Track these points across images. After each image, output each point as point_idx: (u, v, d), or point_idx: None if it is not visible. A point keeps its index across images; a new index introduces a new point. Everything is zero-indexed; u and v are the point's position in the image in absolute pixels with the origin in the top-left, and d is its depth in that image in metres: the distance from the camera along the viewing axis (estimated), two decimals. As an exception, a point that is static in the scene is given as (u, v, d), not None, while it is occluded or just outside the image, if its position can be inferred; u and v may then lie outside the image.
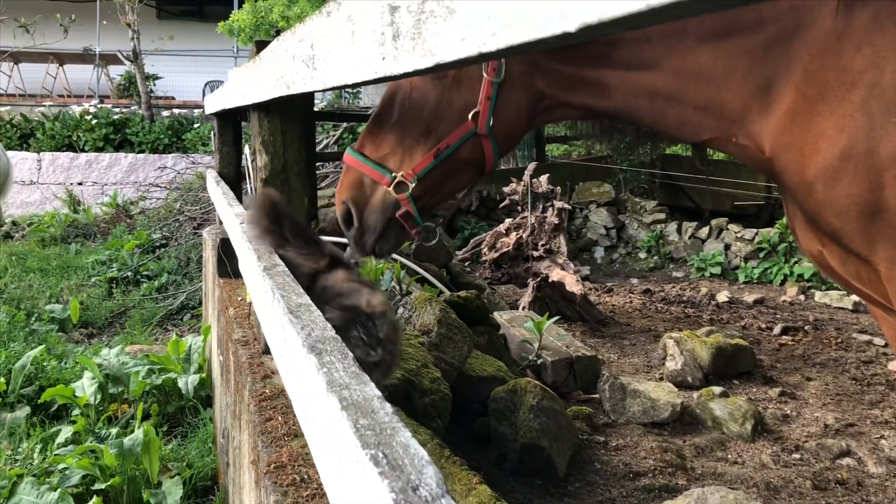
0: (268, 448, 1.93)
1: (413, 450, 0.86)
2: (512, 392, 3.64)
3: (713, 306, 7.65)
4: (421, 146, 2.28)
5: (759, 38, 2.01)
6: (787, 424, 4.32)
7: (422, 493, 0.76)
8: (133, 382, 4.54)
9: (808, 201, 2.07)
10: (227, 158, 5.26)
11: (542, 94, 2.29)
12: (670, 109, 2.20)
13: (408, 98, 2.29)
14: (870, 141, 1.87)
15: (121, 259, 9.70)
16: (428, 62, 0.77)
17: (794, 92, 1.99)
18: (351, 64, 1.11)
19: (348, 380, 1.09)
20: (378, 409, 0.99)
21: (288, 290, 1.66)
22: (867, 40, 1.88)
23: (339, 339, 1.32)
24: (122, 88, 19.29)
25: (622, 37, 2.12)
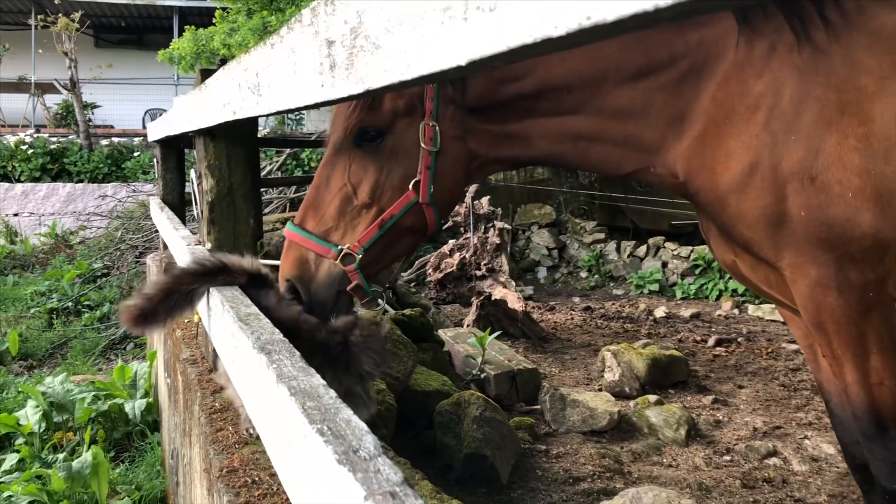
0: (219, 455, 2.02)
1: (354, 423, 0.99)
2: (456, 405, 3.77)
3: (651, 321, 7.92)
4: (364, 217, 2.30)
5: (673, 75, 2.20)
6: (718, 429, 4.53)
7: (361, 454, 0.89)
8: (78, 409, 4.53)
9: (721, 215, 2.26)
10: (170, 185, 5.32)
11: (474, 154, 2.37)
12: (593, 149, 2.35)
13: (346, 170, 2.31)
14: (773, 157, 2.07)
15: (61, 289, 9.55)
16: (359, 88, 0.91)
17: (704, 118, 2.19)
18: (294, 91, 1.25)
19: (296, 373, 1.21)
20: (323, 395, 1.11)
21: (237, 302, 1.77)
22: (766, 68, 2.09)
23: (286, 341, 1.43)
24: (60, 117, 18.98)
25: (545, 89, 2.26)
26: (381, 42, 0.82)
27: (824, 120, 2.01)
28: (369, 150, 2.29)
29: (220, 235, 2.79)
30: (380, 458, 0.89)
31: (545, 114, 2.30)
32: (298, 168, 13.17)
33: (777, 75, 2.08)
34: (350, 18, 0.93)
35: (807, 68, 2.04)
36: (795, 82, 2.05)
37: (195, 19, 15.73)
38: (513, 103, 2.30)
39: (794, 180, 2.05)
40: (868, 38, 2.02)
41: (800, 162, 2.03)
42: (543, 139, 2.35)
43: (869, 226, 1.99)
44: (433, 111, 2.25)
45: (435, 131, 2.25)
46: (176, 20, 20.27)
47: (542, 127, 2.33)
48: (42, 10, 17.87)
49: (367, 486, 0.80)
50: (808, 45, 2.04)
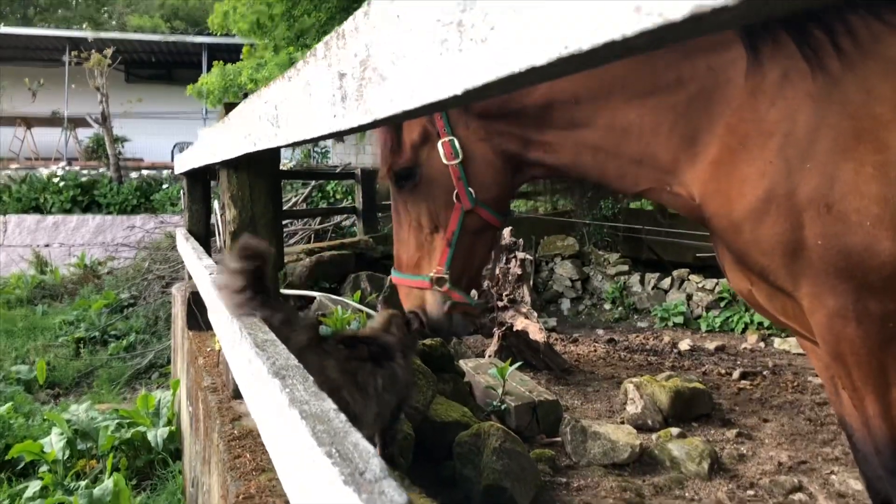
0: (237, 482, 2.04)
1: (361, 447, 1.01)
2: (476, 436, 3.75)
3: (675, 354, 7.84)
4: (437, 242, 2.57)
5: (682, 96, 2.23)
6: (742, 463, 4.46)
7: (367, 476, 0.90)
8: (102, 437, 4.58)
9: (736, 242, 2.25)
10: (196, 216, 5.39)
11: (508, 153, 2.54)
12: (610, 163, 2.42)
13: (406, 210, 2.60)
14: (789, 184, 2.06)
15: (88, 319, 9.69)
16: (368, 119, 0.94)
17: (718, 143, 2.20)
18: (310, 121, 1.28)
19: (308, 397, 1.23)
20: (333, 419, 1.13)
21: (255, 329, 1.80)
22: (780, 94, 2.10)
23: (300, 366, 1.46)
24: (91, 151, 19.41)
25: (554, 101, 2.38)
26: (387, 73, 0.85)
27: (840, 148, 2.01)
28: (412, 186, 2.55)
29: (242, 265, 2.84)
30: (385, 481, 0.90)
31: (560, 124, 2.41)
32: (323, 200, 13.31)
33: (790, 102, 2.09)
34: (360, 51, 0.96)
35: (820, 96, 2.05)
36: (809, 110, 2.05)
37: (223, 55, 16.04)
38: (526, 112, 2.43)
39: (811, 208, 2.04)
40: (883, 66, 2.02)
41: (816, 190, 2.02)
42: (564, 148, 2.46)
43: (889, 255, 1.97)
44: (446, 128, 2.45)
45: (453, 145, 2.45)
46: (205, 56, 20.70)
47: (561, 136, 2.44)
48: (75, 47, 18.33)
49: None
50: (821, 73, 2.05)
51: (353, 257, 7.19)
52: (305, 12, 12.28)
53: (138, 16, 33.00)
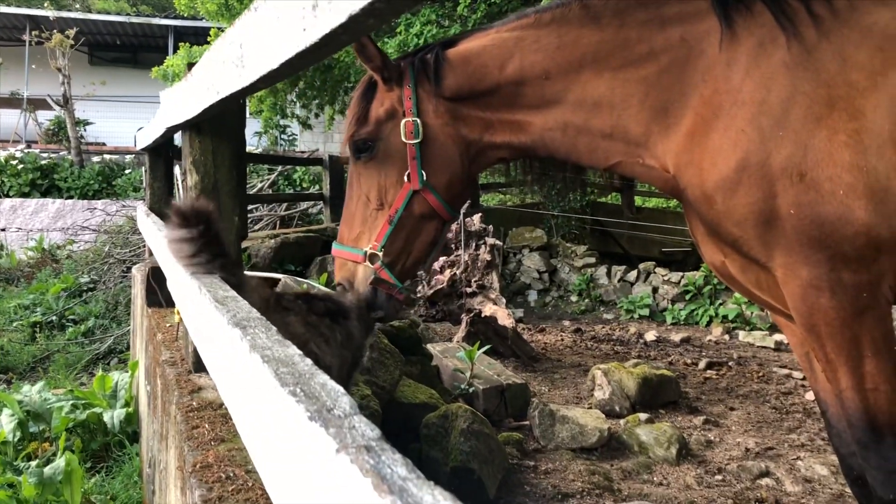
0: (194, 451, 1.94)
1: (329, 386, 0.92)
2: (443, 417, 3.67)
3: (641, 344, 7.84)
4: (380, 218, 2.56)
5: (653, 68, 2.22)
6: (710, 449, 4.44)
7: (336, 412, 0.82)
8: (56, 419, 4.41)
9: (709, 213, 2.21)
10: (158, 193, 5.25)
11: (468, 140, 2.53)
12: (581, 139, 2.41)
13: (359, 183, 2.59)
14: (762, 154, 2.03)
15: (45, 303, 9.43)
16: (342, 18, 0.85)
17: (692, 114, 2.17)
18: (277, 46, 1.19)
19: (270, 344, 1.14)
20: (298, 362, 1.04)
21: (214, 287, 1.70)
22: (754, 64, 2.07)
23: (263, 319, 1.36)
24: (51, 133, 18.94)
25: (525, 76, 2.38)
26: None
27: (813, 116, 1.98)
28: (368, 159, 2.55)
29: (204, 232, 2.72)
30: (355, 417, 0.81)
31: (530, 101, 2.42)
32: (290, 187, 13.12)
33: (765, 71, 2.06)
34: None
35: (795, 64, 2.02)
36: (783, 78, 2.02)
37: (190, 38, 15.73)
38: (498, 90, 2.43)
39: (784, 177, 2.00)
40: (859, 34, 2.00)
41: (789, 158, 1.99)
42: (533, 125, 2.45)
43: (861, 224, 1.93)
44: (412, 108, 2.47)
45: (416, 125, 2.47)
46: (171, 39, 20.33)
47: (531, 114, 2.43)
48: (37, 27, 17.88)
49: (340, 440, 0.72)
50: (796, 41, 2.02)
51: (319, 241, 7.08)
52: (275, -5, 12.06)
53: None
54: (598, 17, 2.31)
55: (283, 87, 12.12)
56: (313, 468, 0.74)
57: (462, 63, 2.46)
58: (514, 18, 2.47)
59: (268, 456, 0.94)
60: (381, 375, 3.55)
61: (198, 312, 1.63)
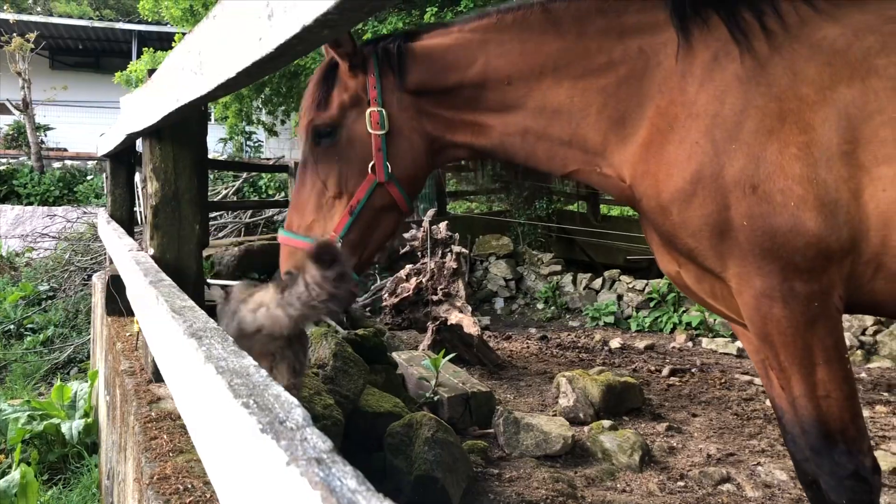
0: (151, 463, 1.91)
1: (283, 398, 0.91)
2: (408, 426, 3.66)
3: (606, 352, 7.90)
4: (337, 207, 2.46)
5: (612, 78, 2.25)
6: (672, 455, 4.48)
7: (288, 424, 0.81)
8: (11, 430, 4.31)
9: (664, 224, 2.25)
10: (119, 201, 5.17)
11: (431, 136, 2.51)
12: (539, 145, 2.43)
13: (315, 169, 2.48)
14: (715, 166, 2.07)
15: (3, 312, 9.23)
16: (296, 28, 0.85)
17: (648, 125, 2.21)
18: (234, 55, 1.18)
19: (226, 355, 1.13)
20: (253, 374, 1.03)
21: (172, 297, 1.68)
22: (708, 77, 2.12)
23: (220, 330, 1.35)
24: (10, 139, 18.58)
25: (488, 80, 2.38)
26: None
27: (765, 129, 2.02)
28: (328, 145, 2.46)
29: (164, 241, 2.69)
30: (308, 429, 0.81)
31: (492, 104, 2.42)
32: (255, 193, 13.02)
33: (718, 84, 2.11)
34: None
35: (748, 78, 2.07)
36: (736, 91, 2.07)
37: (154, 44, 15.58)
38: (460, 91, 2.42)
39: (737, 189, 2.05)
40: (809, 49, 2.05)
41: (742, 171, 2.03)
42: (493, 129, 2.45)
43: (812, 235, 1.98)
44: (377, 98, 2.41)
45: (381, 115, 2.41)
46: (135, 44, 20.10)
47: (490, 118, 2.44)
48: (-4, 30, 17.55)
49: (291, 453, 0.72)
50: (749, 55, 2.07)
51: (284, 249, 7.02)
52: (240, 2, 11.98)
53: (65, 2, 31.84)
54: (559, 23, 2.33)
55: (249, 94, 12.05)
56: (264, 481, 0.74)
57: (425, 59, 2.43)
58: (475, 17, 2.47)
59: (221, 468, 0.93)
60: (345, 384, 3.53)
61: (155, 322, 1.61)
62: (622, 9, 2.30)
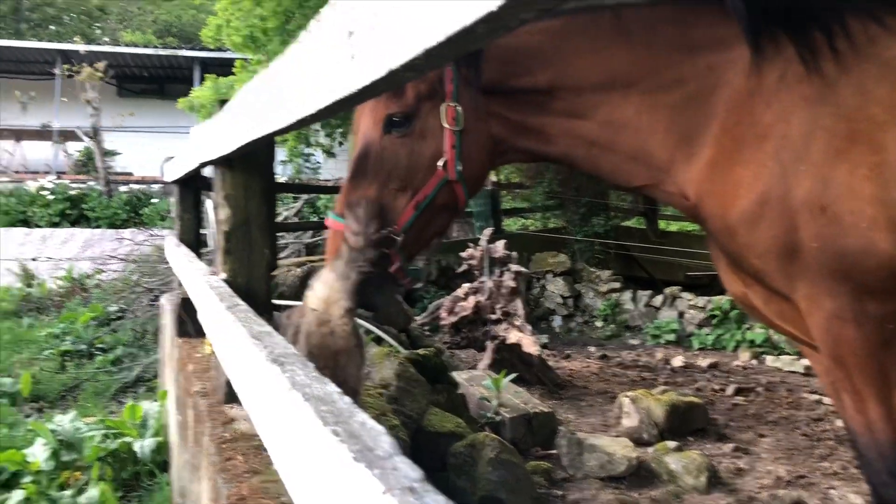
0: (228, 484, 1.96)
1: (369, 425, 0.95)
2: (470, 446, 3.68)
3: (668, 370, 7.79)
4: (401, 202, 2.40)
5: (680, 95, 2.23)
6: (740, 477, 4.40)
7: (377, 453, 0.84)
8: (87, 448, 4.45)
9: (730, 245, 2.23)
10: (186, 225, 5.32)
11: (497, 137, 2.48)
12: (604, 158, 2.42)
13: (380, 158, 2.41)
14: (783, 187, 2.04)
15: (75, 332, 9.53)
16: (382, 72, 0.88)
17: (714, 144, 2.19)
18: (314, 92, 1.22)
19: (309, 381, 1.17)
20: (337, 400, 1.07)
21: (250, 321, 1.73)
22: (776, 97, 2.09)
23: (299, 355, 1.39)
24: (80, 164, 19.29)
25: (556, 87, 2.35)
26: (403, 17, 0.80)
27: (834, 150, 2.00)
28: (399, 135, 2.39)
29: (236, 266, 2.76)
30: (397, 457, 0.84)
31: (559, 113, 2.38)
32: (314, 214, 13.24)
33: (786, 105, 2.08)
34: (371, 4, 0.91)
35: (816, 99, 2.04)
36: (804, 112, 2.05)
37: (216, 69, 15.98)
38: (528, 97, 2.39)
39: (805, 210, 2.02)
40: (879, 68, 2.02)
41: (810, 192, 2.01)
42: (559, 139, 2.42)
43: (885, 256, 1.95)
44: (453, 93, 2.36)
45: (457, 112, 2.35)
46: (197, 71, 20.69)
47: (557, 126, 2.40)
48: (67, 60, 18.29)
49: (385, 482, 0.75)
50: (817, 75, 2.04)
51: (345, 269, 7.12)
52: (299, 27, 12.26)
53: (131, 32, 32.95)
54: (630, 32, 2.30)
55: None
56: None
57: (497, 57, 2.37)
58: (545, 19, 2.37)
59: (310, 493, 0.96)
60: (409, 405, 3.57)
61: (233, 346, 1.67)
62: (693, 20, 2.26)
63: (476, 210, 11.40)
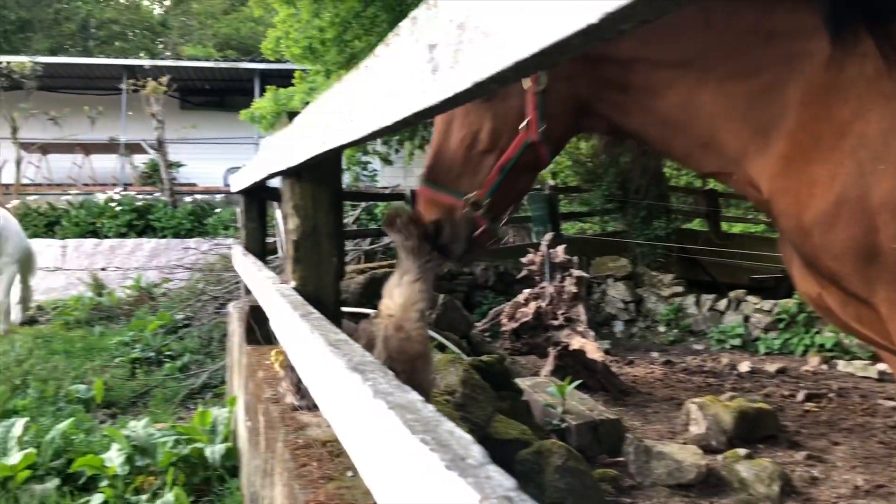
0: (304, 490, 1.99)
1: (458, 434, 0.95)
2: (537, 454, 3.66)
3: (735, 376, 7.63)
4: (485, 163, 2.42)
5: (757, 84, 2.14)
6: (815, 486, 4.28)
7: (469, 461, 0.84)
8: (160, 453, 4.58)
9: (804, 245, 2.16)
10: (252, 234, 5.43)
11: (581, 100, 2.44)
12: (677, 139, 2.37)
13: (465, 121, 2.44)
14: (861, 187, 1.97)
15: (144, 340, 9.80)
16: (466, 84, 0.89)
17: (789, 138, 2.11)
18: (390, 106, 1.24)
19: (391, 389, 1.18)
20: (422, 409, 1.07)
21: (326, 330, 1.76)
22: (854, 93, 2.01)
23: (378, 362, 1.41)
24: (146, 176, 19.86)
25: (636, 60, 2.28)
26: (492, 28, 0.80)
27: None
28: (482, 98, 2.38)
29: (305, 273, 2.81)
30: (489, 466, 0.84)
31: (636, 86, 2.32)
32: (373, 222, 13.36)
33: (864, 102, 2.00)
34: (456, 16, 0.91)
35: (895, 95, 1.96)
36: (883, 110, 1.96)
37: (275, 81, 16.25)
38: (609, 64, 2.33)
39: (884, 212, 1.94)
40: None
41: (889, 193, 1.93)
42: (635, 112, 2.38)
43: None
44: None
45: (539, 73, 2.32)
46: (257, 82, 21.08)
47: (633, 99, 2.35)
48: (133, 75, 18.84)
49: (481, 490, 0.75)
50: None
51: (405, 276, 7.17)
52: (356, 37, 12.42)
53: (192, 46, 33.84)
54: (709, 11, 2.20)
55: (366, 125, 12.38)
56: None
57: None
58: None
59: (399, 501, 0.97)
60: (475, 412, 3.57)
61: (310, 355, 1.69)
62: (773, 4, 2.17)
63: (533, 214, 11.34)
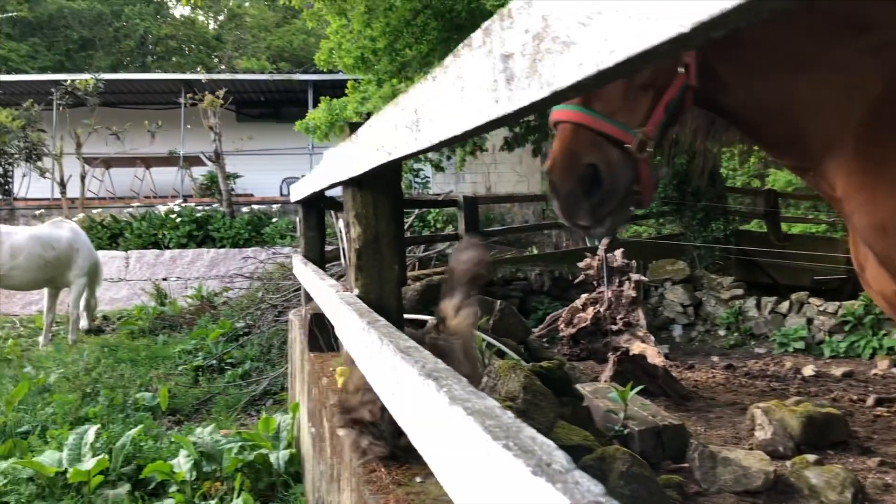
0: (375, 496, 2.02)
1: (540, 440, 0.96)
2: (600, 460, 3.63)
3: (799, 380, 7.45)
4: (643, 100, 2.18)
5: (845, 78, 2.09)
6: (890, 494, 4.15)
7: (555, 467, 0.85)
8: (226, 459, 4.67)
9: (879, 243, 2.11)
10: (311, 243, 5.51)
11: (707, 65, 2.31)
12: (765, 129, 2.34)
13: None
14: None
15: (206, 348, 10.01)
16: (545, 93, 0.90)
17: (870, 135, 2.06)
18: (460, 116, 1.25)
19: (467, 396, 1.19)
20: (501, 415, 1.08)
21: (395, 337, 1.78)
22: None
23: (451, 369, 1.42)
24: (205, 187, 20.28)
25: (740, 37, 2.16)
26: (574, 37, 0.81)
27: None
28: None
29: (367, 281, 2.85)
30: (576, 472, 0.85)
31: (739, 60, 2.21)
32: (425, 228, 13.43)
33: None
34: (533, 26, 0.92)
35: None
36: None
37: (328, 91, 16.48)
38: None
39: None
40: None
41: None
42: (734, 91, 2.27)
43: None
44: None
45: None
46: (310, 93, 21.37)
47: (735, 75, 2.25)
48: (190, 90, 19.29)
49: (571, 496, 0.76)
50: None
51: (461, 282, 7.19)
52: (407, 45, 12.50)
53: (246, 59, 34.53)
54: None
55: (418, 133, 12.45)
56: (544, 524, 0.78)
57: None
58: None
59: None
60: (537, 418, 3.56)
61: (381, 362, 1.72)
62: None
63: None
